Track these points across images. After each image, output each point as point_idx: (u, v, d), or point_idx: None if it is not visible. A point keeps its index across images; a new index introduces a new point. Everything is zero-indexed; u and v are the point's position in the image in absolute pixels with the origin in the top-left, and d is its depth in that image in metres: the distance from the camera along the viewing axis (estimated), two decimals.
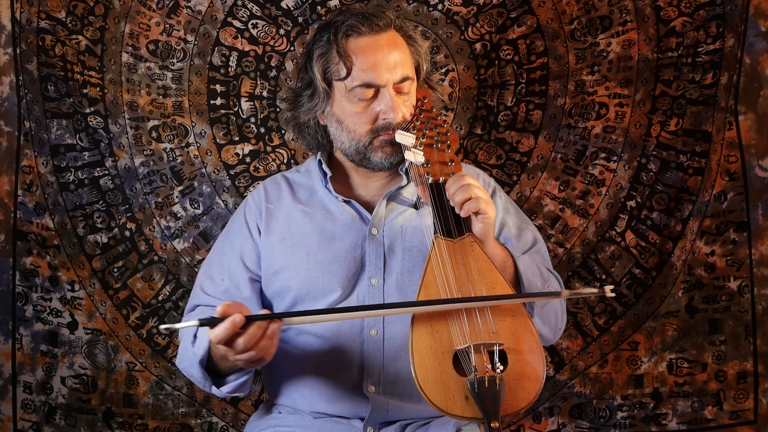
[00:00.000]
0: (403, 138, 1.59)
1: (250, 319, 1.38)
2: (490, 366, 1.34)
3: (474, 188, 1.48)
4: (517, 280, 1.56)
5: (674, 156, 2.26)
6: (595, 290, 1.42)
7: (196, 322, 1.37)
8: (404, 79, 1.63)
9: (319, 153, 1.77)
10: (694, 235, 2.26)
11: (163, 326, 1.33)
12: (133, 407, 2.30)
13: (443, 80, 2.27)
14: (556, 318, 1.66)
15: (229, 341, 1.38)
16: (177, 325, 1.36)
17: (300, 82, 1.77)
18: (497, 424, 1.29)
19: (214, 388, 1.59)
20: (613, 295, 1.38)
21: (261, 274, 1.71)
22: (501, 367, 1.34)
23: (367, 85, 1.61)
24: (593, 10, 2.25)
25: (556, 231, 2.31)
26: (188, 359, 1.60)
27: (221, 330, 1.37)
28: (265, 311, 1.50)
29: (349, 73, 1.62)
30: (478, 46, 2.27)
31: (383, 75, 1.60)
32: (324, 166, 1.73)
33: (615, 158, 2.28)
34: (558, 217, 2.31)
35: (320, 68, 1.65)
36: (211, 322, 1.37)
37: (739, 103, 2.22)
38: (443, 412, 1.35)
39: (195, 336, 1.59)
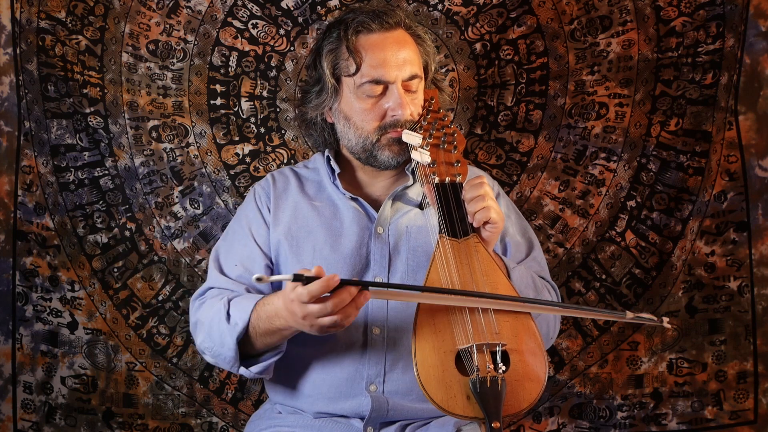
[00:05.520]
0: (410, 138, 1.59)
1: (343, 283, 1.38)
2: (492, 366, 1.34)
3: (489, 198, 1.50)
4: None
5: (674, 156, 2.26)
6: (654, 319, 1.48)
7: (290, 276, 1.37)
8: (412, 77, 1.64)
9: (326, 150, 1.77)
10: (694, 235, 2.26)
11: (255, 276, 1.31)
12: (133, 407, 2.30)
13: (443, 80, 2.27)
14: (548, 328, 1.66)
15: (317, 301, 1.39)
16: (272, 278, 1.38)
17: (309, 78, 1.78)
18: (498, 425, 1.29)
19: (242, 368, 1.58)
20: (669, 327, 1.41)
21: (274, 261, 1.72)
22: (503, 368, 1.34)
23: (376, 82, 1.62)
24: (593, 10, 2.25)
25: (556, 231, 2.31)
26: (220, 336, 1.59)
27: (317, 286, 1.36)
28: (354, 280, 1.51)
29: (358, 69, 1.63)
30: (478, 46, 2.27)
31: (392, 72, 1.61)
32: (332, 163, 1.74)
33: (615, 158, 2.28)
34: (558, 217, 2.31)
35: (329, 64, 1.66)
36: (304, 279, 1.38)
37: (739, 103, 2.22)
38: (445, 411, 1.35)
39: (228, 314, 1.58)
